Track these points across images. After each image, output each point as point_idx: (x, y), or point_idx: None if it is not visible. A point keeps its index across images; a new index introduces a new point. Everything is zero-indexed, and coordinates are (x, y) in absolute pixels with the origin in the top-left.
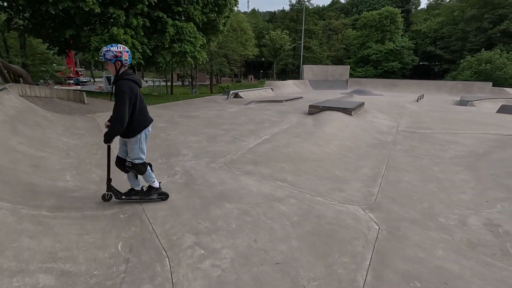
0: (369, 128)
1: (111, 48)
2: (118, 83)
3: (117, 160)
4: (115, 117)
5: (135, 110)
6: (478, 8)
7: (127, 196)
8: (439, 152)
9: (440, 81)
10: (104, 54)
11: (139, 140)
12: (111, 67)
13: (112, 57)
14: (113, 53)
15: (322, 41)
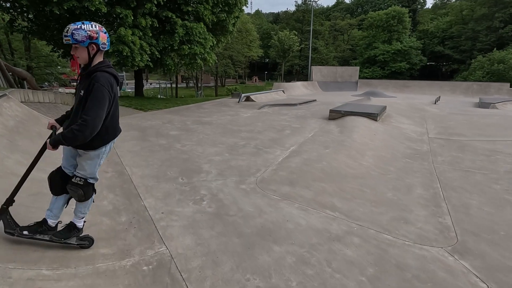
0: (398, 135)
1: (82, 25)
2: (95, 76)
3: (58, 173)
4: (87, 120)
5: (108, 114)
6: (488, 7)
7: (31, 232)
8: (488, 165)
9: (455, 82)
10: (72, 33)
11: (101, 154)
12: (81, 52)
13: (84, 38)
14: (85, 32)
15: (328, 41)
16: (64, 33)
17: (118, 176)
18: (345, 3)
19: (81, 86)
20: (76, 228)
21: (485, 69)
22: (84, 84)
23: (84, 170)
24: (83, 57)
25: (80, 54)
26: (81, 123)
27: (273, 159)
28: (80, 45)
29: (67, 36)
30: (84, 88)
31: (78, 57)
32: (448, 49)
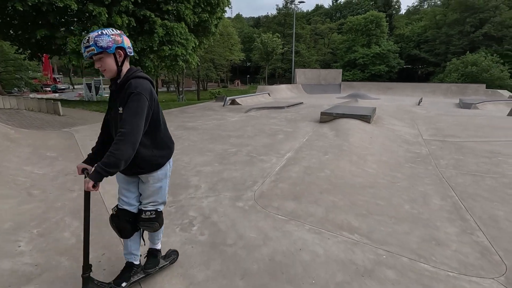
0: (394, 137)
1: (104, 31)
2: (129, 84)
3: (119, 216)
4: (124, 134)
5: (160, 126)
6: (460, 12)
7: (127, 281)
8: (493, 168)
9: (435, 84)
10: (96, 41)
11: (167, 171)
12: (109, 62)
13: (110, 44)
14: (109, 37)
15: (309, 45)
16: (85, 45)
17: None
18: (324, 8)
19: (117, 102)
20: (159, 251)
21: (459, 72)
22: (120, 99)
23: (153, 198)
24: (111, 68)
25: (107, 65)
26: (118, 139)
27: (269, 168)
28: (107, 52)
29: (89, 47)
30: (122, 103)
31: (105, 69)
32: (424, 53)
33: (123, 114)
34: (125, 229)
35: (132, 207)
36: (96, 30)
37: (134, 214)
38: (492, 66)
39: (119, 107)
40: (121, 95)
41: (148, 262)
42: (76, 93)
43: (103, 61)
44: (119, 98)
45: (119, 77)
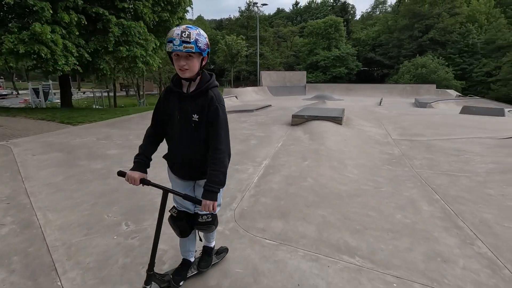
0: (366, 139)
1: (200, 31)
2: (214, 97)
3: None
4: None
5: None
6: (408, 18)
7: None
8: (464, 166)
9: (392, 85)
10: (196, 40)
11: None
12: (195, 63)
13: (205, 47)
14: (206, 40)
15: (273, 48)
16: (183, 38)
17: (21, 231)
18: (285, 11)
19: (190, 108)
20: (212, 249)
21: (411, 73)
22: (196, 105)
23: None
24: (195, 70)
25: (193, 66)
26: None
27: (247, 179)
28: (199, 53)
29: (189, 43)
30: (198, 111)
31: (187, 69)
32: (379, 55)
33: (217, 130)
34: (185, 230)
35: (186, 208)
36: (192, 26)
37: (191, 215)
38: (438, 68)
39: (193, 114)
40: (197, 102)
41: (202, 260)
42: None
43: (191, 61)
44: (193, 104)
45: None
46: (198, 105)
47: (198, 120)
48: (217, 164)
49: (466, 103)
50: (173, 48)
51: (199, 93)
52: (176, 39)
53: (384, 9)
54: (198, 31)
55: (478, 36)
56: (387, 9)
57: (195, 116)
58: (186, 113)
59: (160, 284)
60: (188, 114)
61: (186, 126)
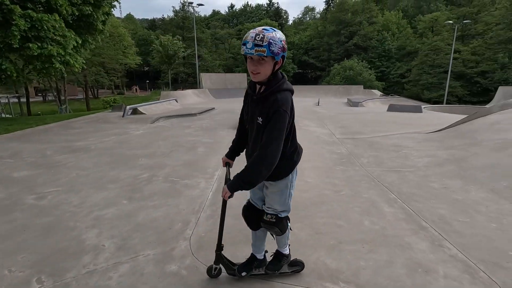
0: (314, 139)
1: (277, 34)
2: (276, 100)
3: (249, 208)
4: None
5: (289, 136)
6: (335, 25)
7: (248, 271)
8: (405, 161)
9: (327, 86)
10: (270, 43)
11: (289, 182)
12: (267, 67)
13: (280, 50)
14: (281, 42)
15: (211, 49)
16: (256, 41)
17: None
18: (221, 14)
19: (257, 110)
20: (284, 256)
21: (341, 75)
22: (261, 108)
23: (273, 205)
24: (267, 74)
25: (265, 70)
26: (259, 160)
27: (200, 196)
28: (275, 58)
29: (262, 47)
30: (263, 114)
31: (259, 73)
32: (312, 59)
33: (267, 133)
34: (252, 221)
35: (256, 204)
36: (270, 28)
37: (260, 210)
38: (363, 70)
39: (258, 117)
40: (262, 105)
41: (271, 263)
42: None
43: (263, 65)
44: (259, 107)
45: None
46: (263, 108)
47: (261, 124)
48: (252, 163)
49: (389, 102)
50: (246, 51)
51: (265, 97)
52: (249, 42)
53: (314, 16)
54: (273, 34)
55: (392, 42)
56: (316, 16)
57: (259, 119)
58: (253, 115)
59: (227, 269)
60: (255, 116)
61: (253, 128)
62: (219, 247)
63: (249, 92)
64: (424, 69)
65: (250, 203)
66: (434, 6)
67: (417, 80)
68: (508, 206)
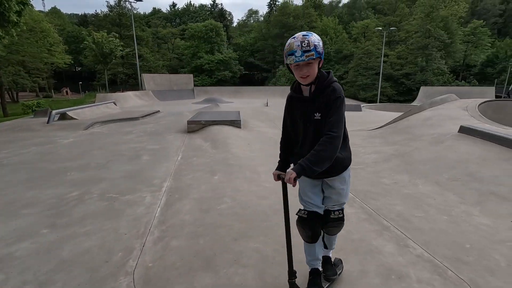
0: (267, 141)
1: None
2: (334, 89)
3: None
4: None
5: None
6: (279, 28)
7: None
8: (355, 158)
9: (274, 87)
10: (315, 45)
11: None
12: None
13: (322, 49)
14: (321, 42)
15: (153, 49)
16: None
17: None
18: (162, 12)
19: (313, 108)
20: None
21: (286, 76)
22: (318, 103)
23: (340, 200)
24: (313, 74)
25: (313, 71)
26: (326, 141)
27: (145, 214)
28: (321, 57)
29: (310, 51)
30: (320, 109)
31: (308, 75)
32: (258, 60)
33: (333, 117)
34: (317, 231)
35: (320, 209)
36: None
37: (320, 216)
38: None
39: (315, 113)
40: (318, 101)
41: (328, 269)
42: None
43: (311, 67)
44: (315, 104)
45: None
46: (320, 103)
47: (320, 119)
48: (320, 146)
49: None
50: (296, 60)
51: (320, 92)
52: (297, 50)
53: (257, 19)
54: (314, 37)
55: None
56: (260, 19)
57: (317, 115)
58: (309, 114)
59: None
60: (311, 114)
61: (310, 127)
62: (290, 275)
63: (295, 96)
64: (359, 71)
65: (312, 212)
66: (365, 14)
67: (353, 81)
68: (452, 197)
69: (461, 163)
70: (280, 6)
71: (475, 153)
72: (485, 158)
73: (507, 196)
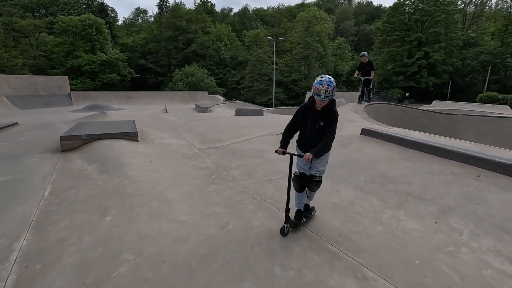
0: (172, 154)
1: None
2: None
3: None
4: (332, 139)
5: None
6: (172, 30)
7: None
8: (272, 167)
9: (172, 91)
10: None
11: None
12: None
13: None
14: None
15: (7, 44)
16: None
17: None
18: None
19: (320, 118)
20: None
21: (184, 81)
22: (324, 117)
23: (320, 168)
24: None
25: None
26: (328, 140)
27: None
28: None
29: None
30: (324, 120)
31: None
32: (150, 63)
33: (331, 127)
34: (302, 185)
35: (306, 172)
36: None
37: (307, 178)
38: (204, 77)
39: (320, 122)
40: (324, 115)
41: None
42: None
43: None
44: (322, 116)
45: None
46: (325, 117)
47: (322, 125)
48: (324, 143)
49: (234, 106)
50: (320, 99)
51: (326, 111)
52: (322, 95)
53: (147, 19)
54: (333, 84)
55: (226, 52)
56: (150, 19)
57: (321, 123)
58: (316, 121)
59: (290, 225)
60: (318, 122)
61: (315, 128)
62: (287, 210)
63: (312, 108)
64: (254, 77)
65: (302, 173)
66: (255, 24)
67: (250, 87)
68: (376, 202)
69: (371, 164)
70: (172, 8)
71: (380, 154)
72: (391, 159)
73: (420, 195)
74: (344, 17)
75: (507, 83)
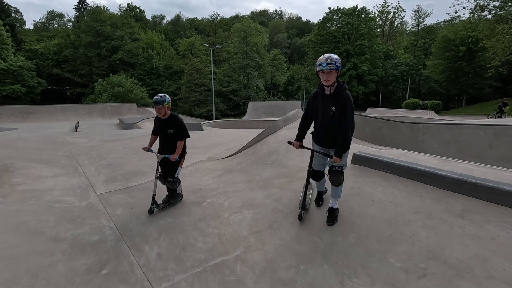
0: (43, 214)
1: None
2: (347, 96)
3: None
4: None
5: None
6: (92, 36)
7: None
8: (227, 228)
9: (90, 105)
10: (336, 61)
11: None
12: (333, 76)
13: (340, 65)
14: (339, 60)
15: None
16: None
17: None
18: None
19: (331, 103)
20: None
21: (109, 92)
22: (335, 101)
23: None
24: (333, 80)
25: (333, 77)
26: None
27: None
28: (339, 70)
29: (331, 64)
30: (336, 105)
31: (329, 80)
32: (67, 73)
33: (347, 119)
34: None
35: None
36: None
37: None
38: (134, 87)
39: (332, 107)
40: (335, 99)
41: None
42: None
43: (332, 75)
44: (333, 101)
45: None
46: (336, 102)
47: (334, 111)
48: (344, 135)
49: None
50: (322, 68)
51: (336, 94)
52: (324, 63)
53: (63, 23)
54: (335, 56)
55: (158, 61)
56: (68, 24)
57: (333, 109)
58: (328, 107)
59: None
60: (329, 107)
61: (327, 115)
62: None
63: (320, 92)
64: (192, 87)
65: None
66: (189, 32)
67: (187, 98)
68: None
69: (397, 226)
70: (92, 11)
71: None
72: (430, 214)
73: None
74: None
75: (421, 90)
